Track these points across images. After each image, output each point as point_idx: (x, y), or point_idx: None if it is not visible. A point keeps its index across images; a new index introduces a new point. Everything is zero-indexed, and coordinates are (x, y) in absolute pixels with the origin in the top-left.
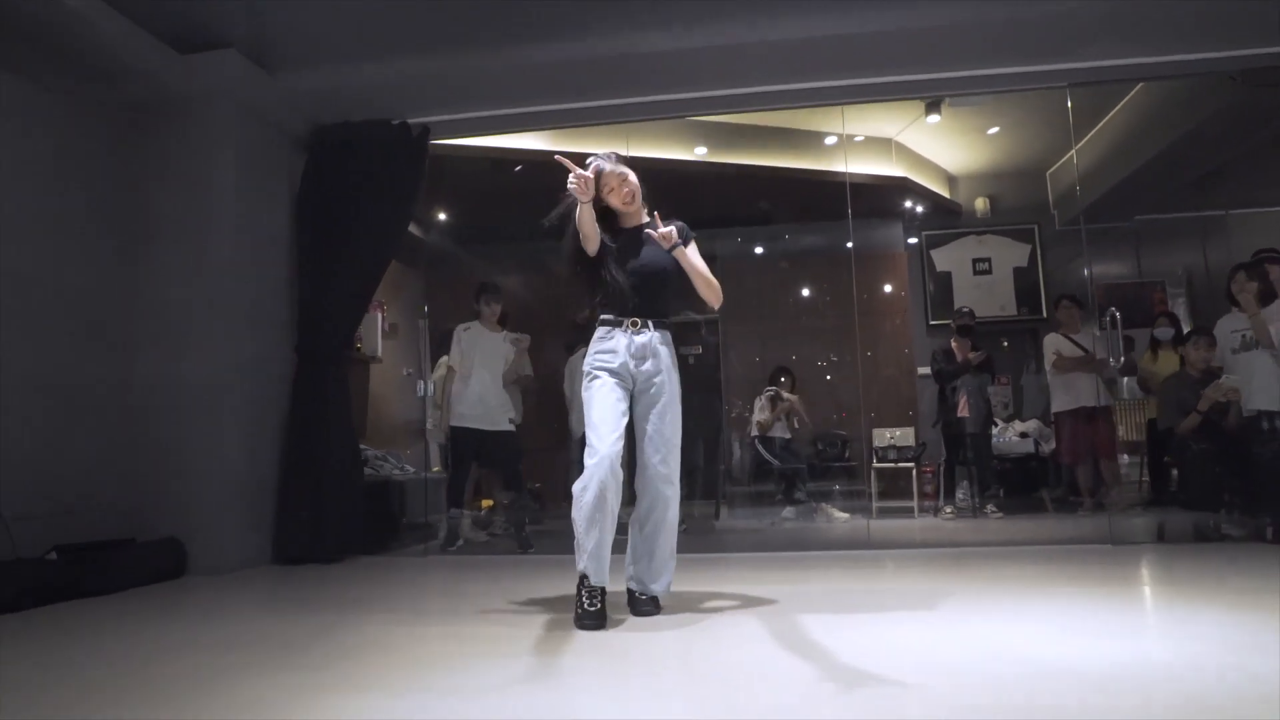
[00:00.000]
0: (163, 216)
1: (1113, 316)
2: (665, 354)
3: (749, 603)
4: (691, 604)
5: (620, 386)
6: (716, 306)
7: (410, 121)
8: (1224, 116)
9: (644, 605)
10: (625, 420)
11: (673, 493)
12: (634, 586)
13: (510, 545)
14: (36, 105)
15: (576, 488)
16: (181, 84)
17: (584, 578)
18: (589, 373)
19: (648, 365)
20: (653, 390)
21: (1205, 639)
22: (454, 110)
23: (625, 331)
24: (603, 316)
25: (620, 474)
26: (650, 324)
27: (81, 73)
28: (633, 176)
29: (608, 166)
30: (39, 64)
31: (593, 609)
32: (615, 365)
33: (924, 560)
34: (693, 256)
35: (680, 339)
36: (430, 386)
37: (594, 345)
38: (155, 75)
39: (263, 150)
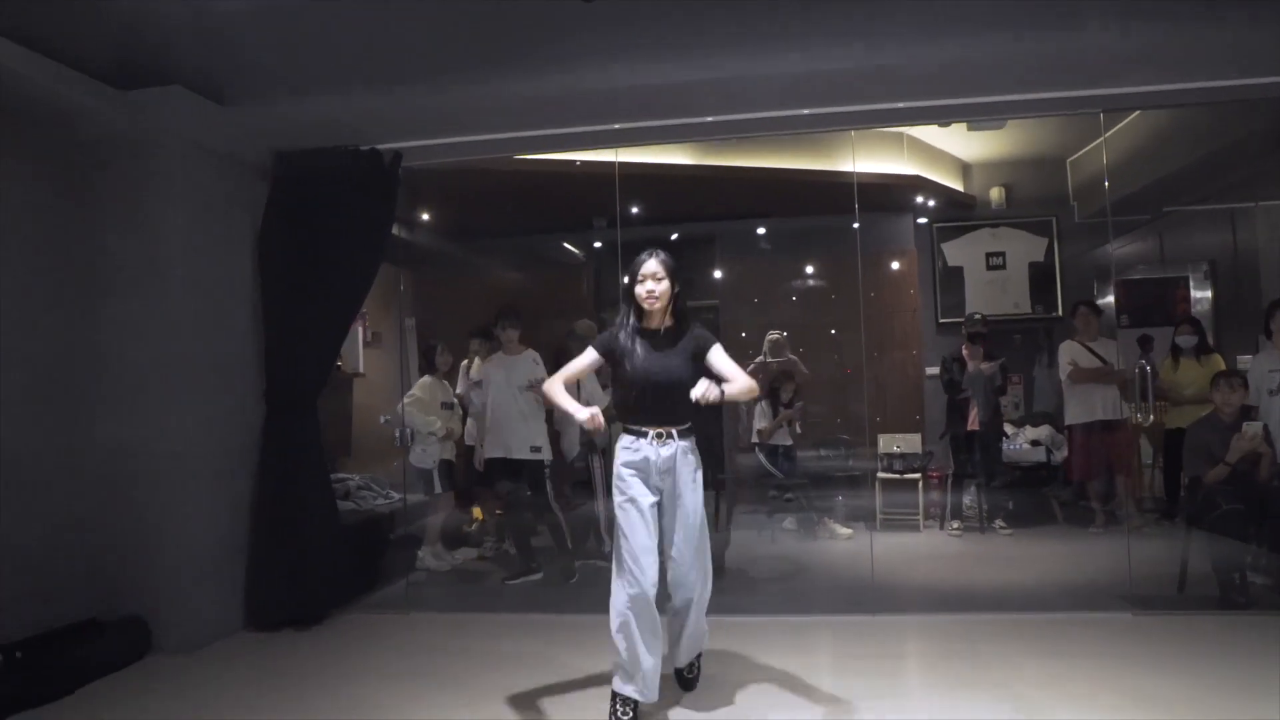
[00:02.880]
0: (116, 268)
1: (1144, 340)
2: (690, 463)
3: None
4: None
5: (653, 507)
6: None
7: (380, 148)
8: (1265, 135)
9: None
10: (658, 537)
11: (699, 577)
12: (678, 665)
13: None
14: None
15: (616, 620)
16: (126, 123)
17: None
18: (620, 489)
19: (672, 478)
20: (679, 502)
21: None
22: (428, 137)
23: (651, 444)
24: (627, 426)
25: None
26: (675, 434)
27: (19, 121)
28: (663, 283)
29: (647, 261)
30: None
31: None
32: (644, 480)
33: (929, 635)
34: (728, 372)
35: None
36: (407, 428)
37: (621, 454)
38: (96, 115)
39: (219, 185)
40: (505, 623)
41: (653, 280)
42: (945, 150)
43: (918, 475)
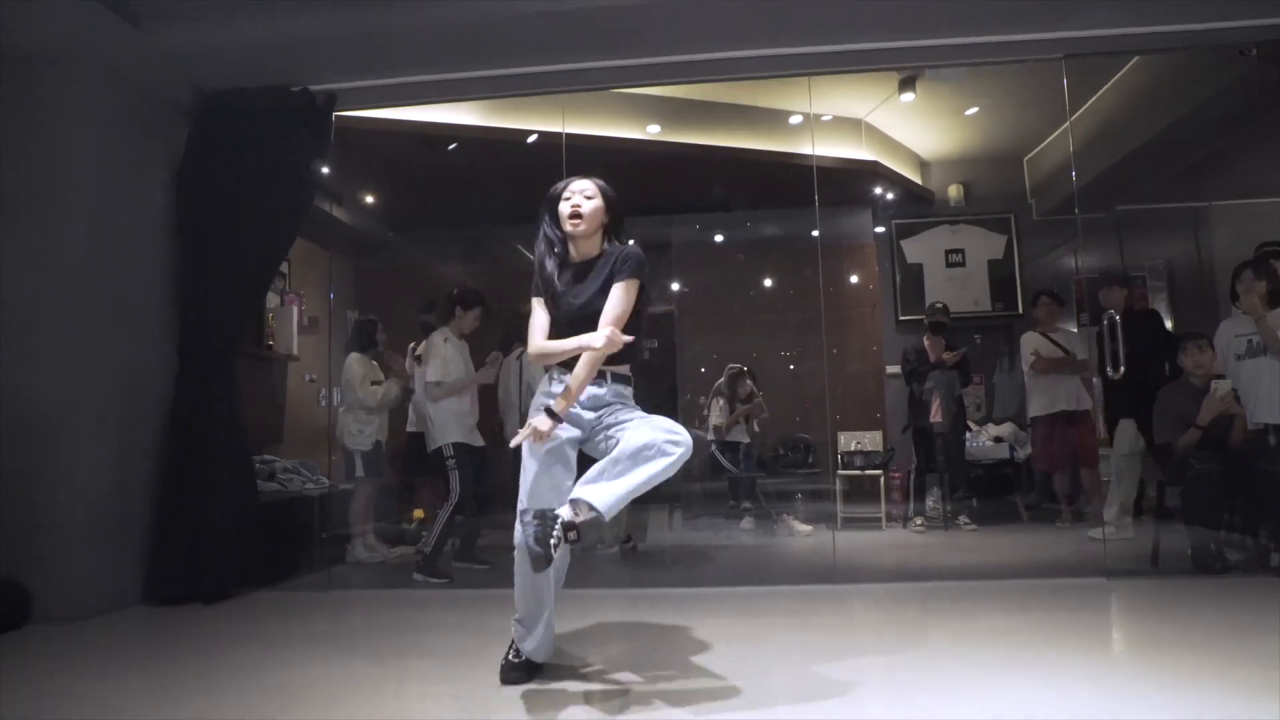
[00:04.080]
0: (4, 195)
1: (1111, 321)
2: (629, 403)
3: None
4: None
5: (571, 445)
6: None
7: (313, 88)
8: (1226, 96)
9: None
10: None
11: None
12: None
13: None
14: None
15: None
16: (24, 36)
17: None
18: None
19: (605, 415)
20: (613, 432)
21: None
22: (363, 76)
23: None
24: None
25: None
26: (608, 375)
27: None
28: (593, 201)
29: (578, 179)
30: None
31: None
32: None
33: (896, 600)
34: (605, 313)
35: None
36: (336, 394)
37: (541, 385)
38: None
39: (133, 118)
40: (431, 598)
41: (581, 196)
42: (903, 143)
43: (879, 472)
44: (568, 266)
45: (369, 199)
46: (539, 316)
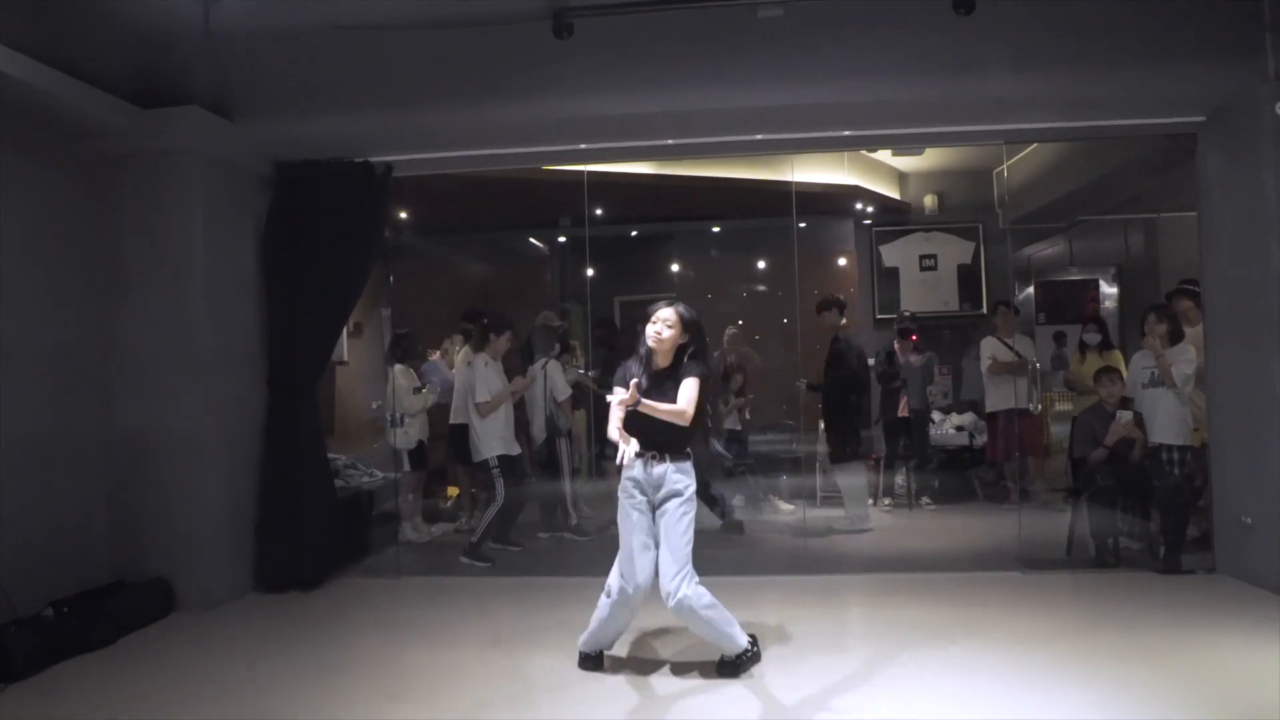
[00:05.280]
0: (136, 268)
1: (1059, 336)
2: (676, 481)
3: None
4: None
5: (646, 513)
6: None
7: (373, 160)
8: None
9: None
10: (653, 544)
11: (678, 582)
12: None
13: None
14: (9, 168)
15: (603, 594)
16: (147, 139)
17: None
18: (621, 496)
19: (661, 492)
20: (664, 512)
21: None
22: (416, 151)
23: (643, 463)
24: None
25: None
26: (666, 456)
27: (49, 134)
28: (672, 330)
29: (664, 308)
30: (6, 129)
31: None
32: (640, 491)
33: (855, 589)
34: (679, 398)
35: None
36: (396, 406)
37: (626, 469)
38: (121, 132)
39: (228, 193)
40: (491, 586)
41: (662, 324)
42: (883, 161)
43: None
44: (649, 371)
45: (403, 214)
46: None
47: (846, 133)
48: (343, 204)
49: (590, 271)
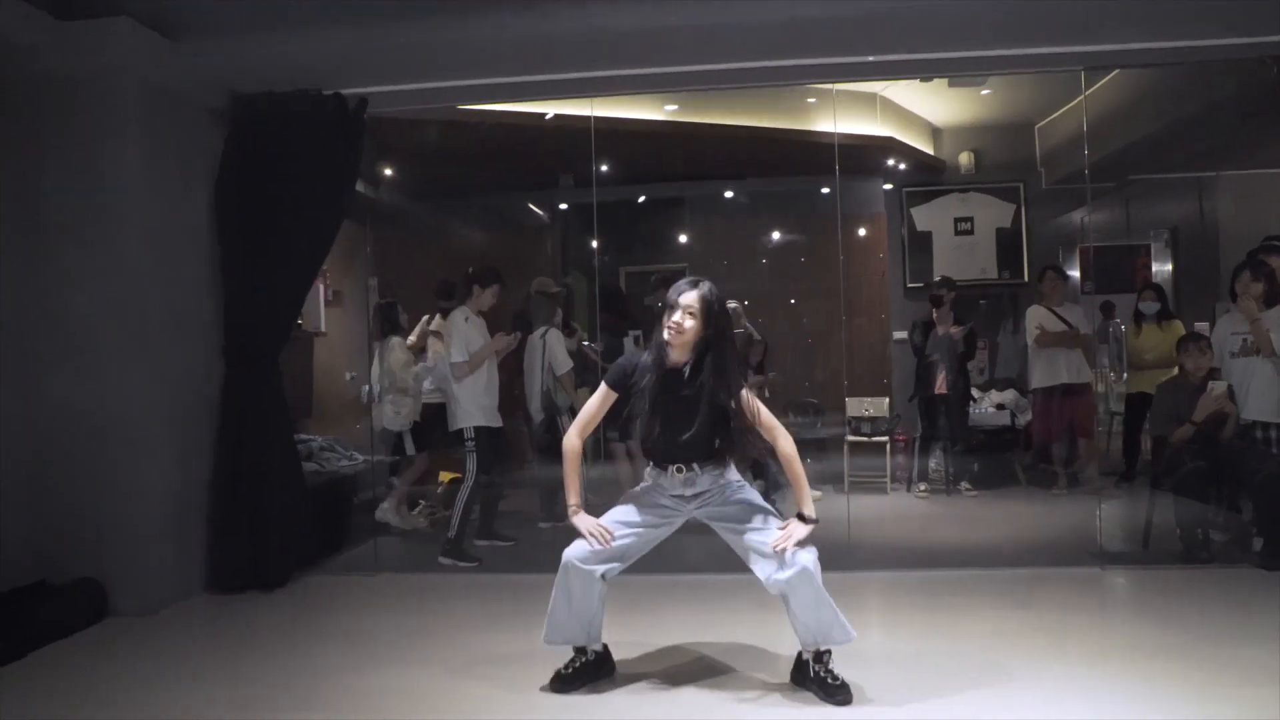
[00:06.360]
0: (61, 215)
1: (1107, 306)
2: (726, 482)
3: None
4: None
5: (647, 518)
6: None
7: (344, 92)
8: (1239, 99)
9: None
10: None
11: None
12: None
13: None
14: None
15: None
16: (69, 58)
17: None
18: (633, 490)
19: (714, 498)
20: (727, 511)
21: None
22: (394, 82)
23: (671, 478)
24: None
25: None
26: (697, 467)
27: None
28: (693, 316)
29: (687, 291)
30: None
31: (565, 672)
32: (655, 499)
33: (902, 590)
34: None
35: None
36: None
37: (647, 474)
38: (34, 49)
39: (174, 129)
40: (474, 583)
41: (684, 313)
42: (917, 114)
43: (885, 438)
44: (661, 369)
45: (387, 170)
46: (597, 401)
47: (896, 57)
48: (310, 143)
49: (595, 243)
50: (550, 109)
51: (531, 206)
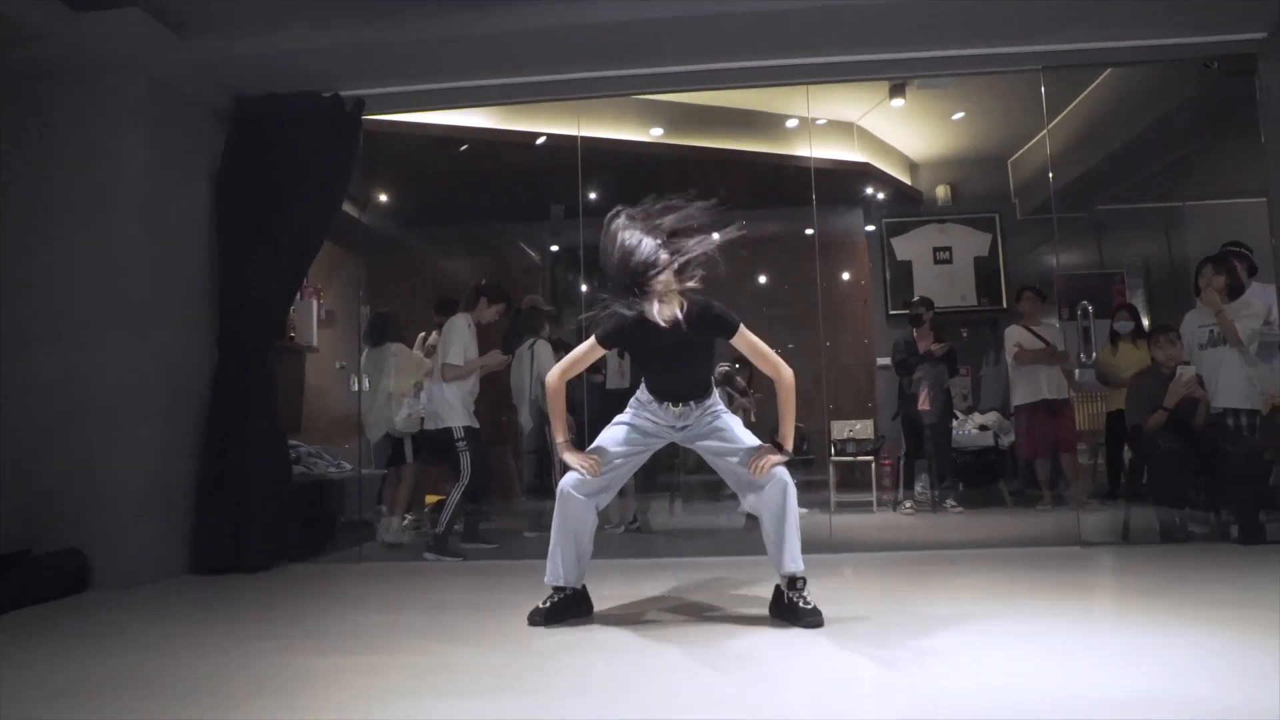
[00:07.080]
0: (62, 199)
1: (1084, 309)
2: (716, 412)
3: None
4: (632, 618)
5: (633, 441)
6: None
7: (343, 94)
8: (1192, 106)
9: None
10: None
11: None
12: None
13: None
14: None
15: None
16: (79, 48)
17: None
18: (621, 416)
19: (706, 424)
20: (720, 434)
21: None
22: (390, 83)
23: (668, 410)
24: (645, 387)
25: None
26: (693, 403)
27: None
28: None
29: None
30: None
31: (545, 607)
32: (647, 422)
33: (887, 565)
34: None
35: None
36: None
37: (637, 397)
38: (48, 38)
39: (177, 124)
40: (461, 568)
41: (661, 287)
42: (894, 147)
43: (870, 458)
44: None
45: (381, 197)
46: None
47: (871, 57)
48: (308, 143)
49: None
50: (539, 126)
51: (523, 246)
